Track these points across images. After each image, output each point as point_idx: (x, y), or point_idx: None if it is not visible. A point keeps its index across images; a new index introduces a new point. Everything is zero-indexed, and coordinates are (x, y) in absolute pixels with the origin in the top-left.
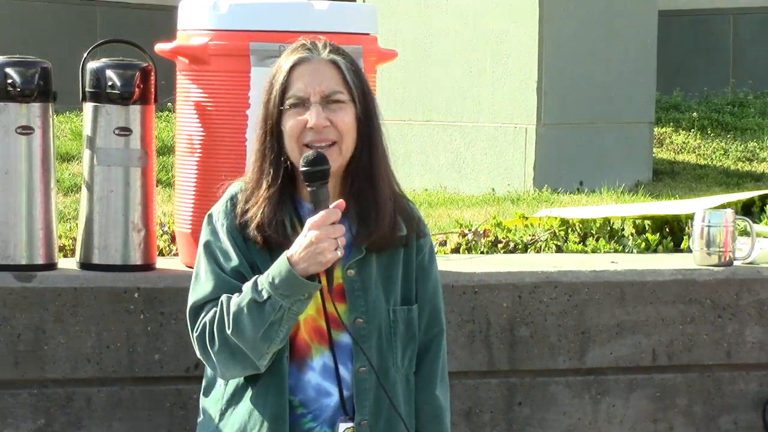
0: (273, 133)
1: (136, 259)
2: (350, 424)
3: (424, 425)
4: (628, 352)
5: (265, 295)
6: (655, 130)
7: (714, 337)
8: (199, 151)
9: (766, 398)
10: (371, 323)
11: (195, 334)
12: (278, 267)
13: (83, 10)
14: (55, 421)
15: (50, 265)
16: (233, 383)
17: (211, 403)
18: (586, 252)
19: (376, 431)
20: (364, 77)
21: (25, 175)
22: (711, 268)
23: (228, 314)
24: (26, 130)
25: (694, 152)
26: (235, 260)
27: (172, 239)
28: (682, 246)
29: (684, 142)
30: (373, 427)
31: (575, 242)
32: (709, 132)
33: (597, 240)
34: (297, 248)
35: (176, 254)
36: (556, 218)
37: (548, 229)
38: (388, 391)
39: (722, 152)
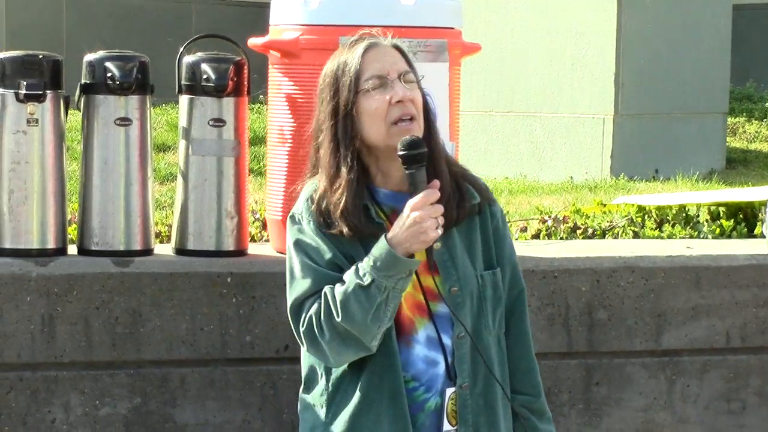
0: (346, 120)
1: (229, 245)
2: (454, 389)
3: (520, 380)
4: (702, 334)
5: (369, 279)
6: (729, 120)
7: None
8: (289, 141)
9: None
10: (464, 290)
11: (302, 329)
12: (379, 250)
13: (180, 8)
14: (150, 401)
15: (147, 251)
16: (336, 375)
17: (314, 398)
18: (662, 238)
19: (474, 392)
20: None
21: (124, 164)
22: None
23: (335, 303)
24: (124, 121)
25: (767, 141)
26: (328, 253)
27: (264, 226)
28: (755, 232)
29: (756, 132)
30: (472, 389)
31: (652, 228)
32: None
33: (673, 226)
34: (398, 230)
35: (267, 240)
36: (633, 205)
37: (625, 216)
38: (482, 352)
39: None
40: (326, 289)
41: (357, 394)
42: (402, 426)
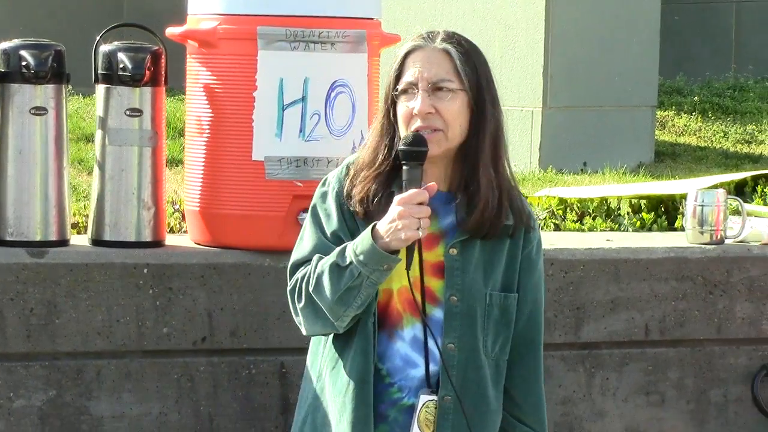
0: (389, 116)
1: (146, 236)
2: (433, 397)
3: (526, 413)
4: (621, 327)
5: (347, 261)
6: (658, 113)
7: (705, 313)
8: (207, 131)
9: (755, 372)
10: (464, 302)
11: (288, 289)
12: (363, 236)
13: None
14: (66, 392)
15: (63, 242)
16: (333, 349)
17: (313, 367)
18: (582, 230)
19: (460, 409)
20: (482, 67)
21: (39, 154)
22: (703, 246)
23: (314, 274)
24: (40, 110)
25: (695, 135)
26: (335, 224)
27: (184, 217)
28: (676, 225)
29: (685, 125)
30: (458, 405)
31: (573, 221)
32: (709, 115)
33: (594, 219)
34: (383, 221)
35: (186, 232)
36: (554, 198)
37: (546, 209)
38: (475, 372)
39: (722, 135)
40: (315, 257)
41: (339, 372)
42: (364, 414)
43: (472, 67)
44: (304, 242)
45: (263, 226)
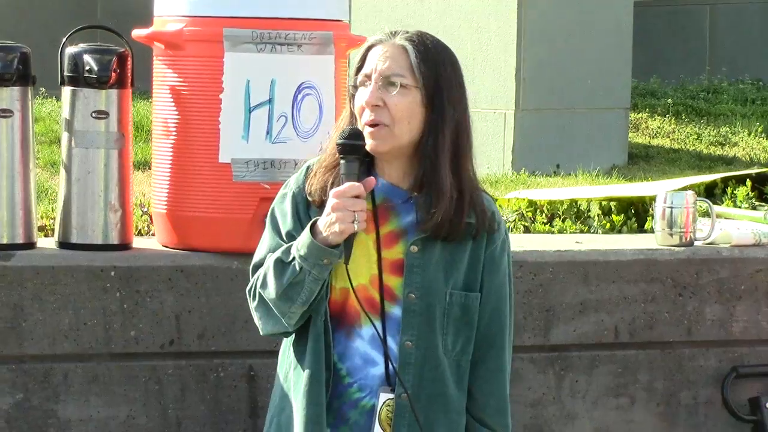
0: (350, 109)
1: (113, 238)
2: (392, 396)
3: (489, 416)
4: (591, 329)
5: (290, 257)
6: (632, 115)
7: (675, 315)
8: (174, 134)
9: (725, 374)
10: (423, 300)
11: (246, 289)
12: (304, 231)
13: None
14: (33, 396)
15: (30, 245)
16: (296, 349)
17: (280, 368)
18: (552, 232)
19: (417, 407)
20: (445, 67)
21: (5, 157)
22: (672, 248)
23: (264, 271)
24: (5, 113)
25: (669, 137)
26: (290, 224)
27: (152, 220)
28: (646, 227)
29: (659, 127)
30: (415, 401)
31: (542, 223)
32: (683, 117)
33: (563, 221)
34: (322, 216)
35: (154, 235)
36: (524, 200)
37: (516, 211)
38: (433, 371)
39: (695, 137)
40: (269, 256)
41: (299, 371)
42: (315, 413)
43: (430, 66)
44: (263, 243)
45: (230, 229)
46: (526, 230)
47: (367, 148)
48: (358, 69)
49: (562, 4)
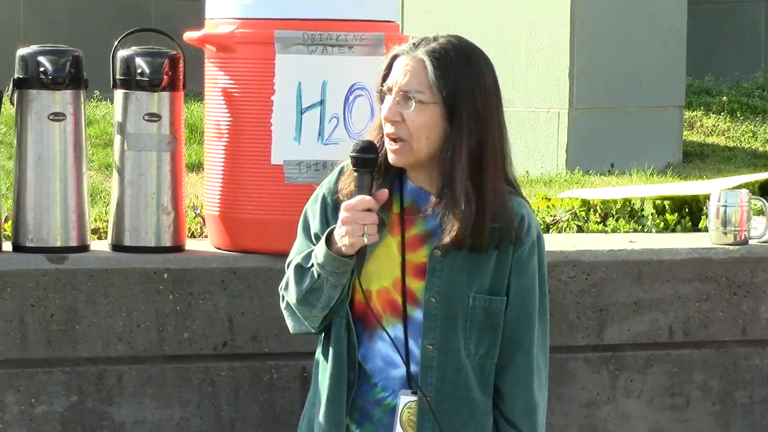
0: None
1: (166, 241)
2: (413, 398)
3: (517, 417)
4: (645, 328)
5: (309, 263)
6: (686, 113)
7: (729, 314)
8: (226, 136)
9: None
10: (443, 304)
11: (279, 288)
12: (321, 240)
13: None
14: (87, 398)
15: (83, 248)
16: (323, 349)
17: (315, 365)
18: (606, 232)
19: (440, 410)
20: (467, 79)
21: (58, 160)
22: (726, 246)
23: (287, 275)
24: (58, 116)
25: (724, 135)
26: (317, 225)
27: (205, 222)
28: (699, 226)
29: (714, 125)
30: (437, 405)
31: (596, 222)
32: (738, 115)
33: (617, 220)
34: (336, 227)
35: (206, 236)
36: (577, 199)
37: (569, 210)
38: (456, 375)
39: (751, 135)
40: (294, 258)
41: (318, 370)
42: (336, 412)
43: (449, 80)
44: (295, 245)
45: (282, 230)
46: (580, 230)
47: (389, 160)
48: (384, 77)
49: (615, 3)
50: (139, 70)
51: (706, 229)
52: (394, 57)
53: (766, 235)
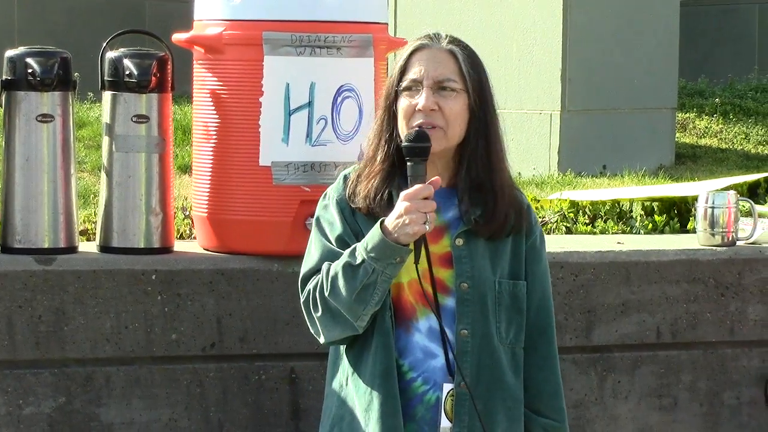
0: (390, 112)
1: (154, 242)
2: (452, 385)
3: (544, 403)
4: (633, 330)
5: (359, 259)
6: (679, 115)
7: (717, 315)
8: (214, 137)
9: (767, 374)
10: (475, 289)
11: (302, 302)
12: (372, 232)
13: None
14: (75, 399)
15: (71, 249)
16: (350, 355)
17: (333, 379)
18: (594, 233)
19: (476, 395)
20: (483, 70)
21: (46, 162)
22: (714, 248)
23: (327, 278)
24: (46, 118)
25: (716, 137)
26: (339, 229)
27: (193, 223)
28: (688, 227)
29: (706, 127)
30: (474, 390)
31: (584, 224)
32: (731, 117)
33: (605, 221)
34: (390, 216)
35: (195, 238)
36: (566, 200)
37: (558, 211)
38: (489, 356)
39: (743, 136)
40: (325, 264)
41: (364, 374)
42: (392, 406)
43: (476, 70)
44: (312, 254)
45: (271, 232)
46: (568, 231)
47: None
48: (402, 72)
49: (608, 4)
50: (127, 72)
51: (694, 231)
52: (414, 51)
53: (754, 236)
